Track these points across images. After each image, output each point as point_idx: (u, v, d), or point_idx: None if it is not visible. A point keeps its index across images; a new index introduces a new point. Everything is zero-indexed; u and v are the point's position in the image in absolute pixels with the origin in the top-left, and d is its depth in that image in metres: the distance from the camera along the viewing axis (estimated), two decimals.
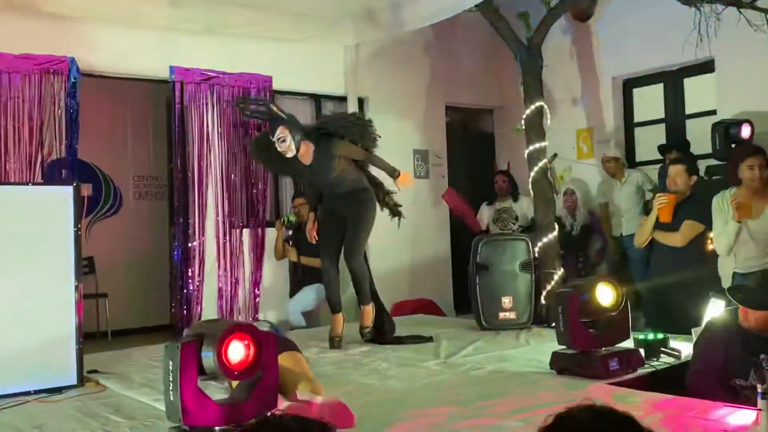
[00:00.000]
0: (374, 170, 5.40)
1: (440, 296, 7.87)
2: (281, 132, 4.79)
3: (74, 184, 4.02)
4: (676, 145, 6.76)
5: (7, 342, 3.73)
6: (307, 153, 4.93)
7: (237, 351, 2.57)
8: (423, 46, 8.17)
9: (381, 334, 5.24)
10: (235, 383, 2.83)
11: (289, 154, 4.85)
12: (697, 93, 7.14)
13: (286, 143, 4.80)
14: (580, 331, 3.80)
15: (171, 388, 2.54)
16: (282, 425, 1.41)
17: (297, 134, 4.83)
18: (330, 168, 4.98)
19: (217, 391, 3.25)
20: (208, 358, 2.53)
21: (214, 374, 2.59)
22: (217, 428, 2.56)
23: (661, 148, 6.85)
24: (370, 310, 5.20)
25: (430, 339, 5.19)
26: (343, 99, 7.68)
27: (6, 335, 3.73)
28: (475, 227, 7.55)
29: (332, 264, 5.17)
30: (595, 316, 3.84)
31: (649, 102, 7.54)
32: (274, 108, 4.91)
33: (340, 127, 5.12)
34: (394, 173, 5.25)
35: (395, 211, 5.43)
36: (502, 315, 5.59)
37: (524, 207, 7.36)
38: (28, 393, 3.71)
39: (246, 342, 2.60)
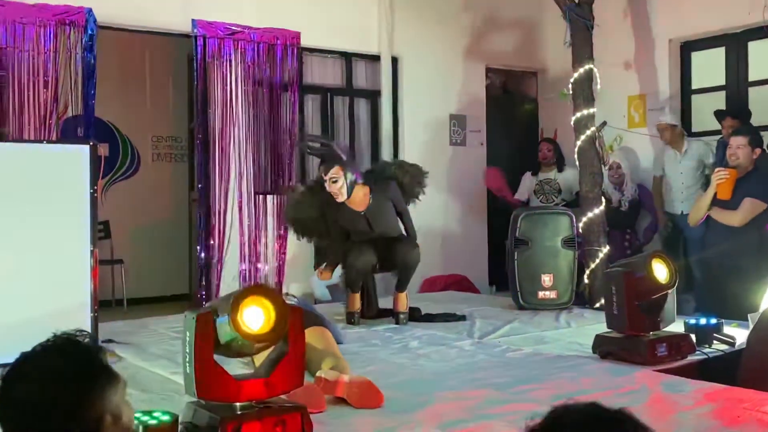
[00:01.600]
0: None
1: (474, 272, 7.85)
2: (335, 172, 4.81)
3: (91, 144, 4.04)
4: (734, 112, 6.58)
5: (18, 308, 3.78)
6: (360, 198, 4.95)
7: (254, 314, 2.52)
8: (463, 2, 8.05)
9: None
10: (258, 360, 2.81)
11: (340, 198, 4.86)
12: (763, 58, 6.96)
13: (337, 185, 4.81)
14: (636, 315, 3.75)
15: (188, 360, 2.55)
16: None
17: (352, 176, 4.85)
18: (388, 212, 5.03)
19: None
20: (223, 323, 2.49)
21: (229, 344, 2.55)
22: (237, 404, 2.57)
23: (718, 114, 6.68)
24: (405, 296, 5.17)
25: (462, 317, 5.19)
26: (375, 58, 7.62)
27: (17, 301, 3.78)
28: (514, 204, 7.49)
29: (364, 245, 4.99)
30: (650, 294, 3.78)
31: (709, 67, 7.37)
32: (335, 148, 4.95)
33: (395, 171, 5.26)
34: (416, 239, 5.27)
35: None
36: (541, 294, 5.56)
37: (569, 179, 7.27)
38: None
39: (264, 304, 2.54)
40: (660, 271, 3.76)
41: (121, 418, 1.57)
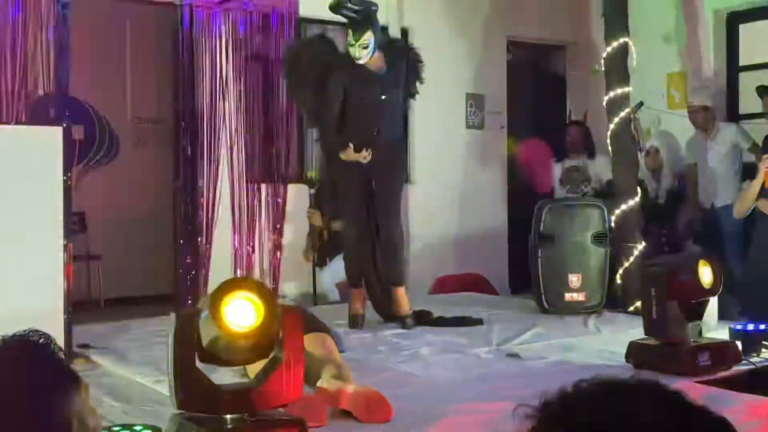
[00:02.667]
0: None
1: (493, 271, 7.85)
2: (368, 37, 4.92)
3: (64, 126, 4.06)
4: None
5: None
6: (375, 60, 5.06)
7: (241, 310, 2.49)
8: None
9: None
10: (253, 372, 2.80)
11: (362, 60, 4.95)
12: None
13: (367, 50, 4.94)
14: (678, 320, 3.75)
15: (170, 367, 2.56)
16: None
17: (377, 43, 5.00)
18: (398, 86, 5.13)
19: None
20: (205, 319, 2.47)
21: (214, 346, 2.54)
22: (228, 417, 2.58)
23: (760, 90, 6.64)
24: (404, 292, 5.20)
25: (479, 322, 5.19)
26: (383, 30, 7.60)
27: None
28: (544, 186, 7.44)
29: (362, 230, 5.20)
30: (693, 298, 3.79)
31: (759, 41, 7.34)
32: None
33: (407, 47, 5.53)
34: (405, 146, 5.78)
35: None
36: (568, 296, 5.57)
37: (599, 166, 7.24)
38: None
39: (251, 299, 2.52)
40: (706, 274, 3.77)
41: (87, 425, 1.58)
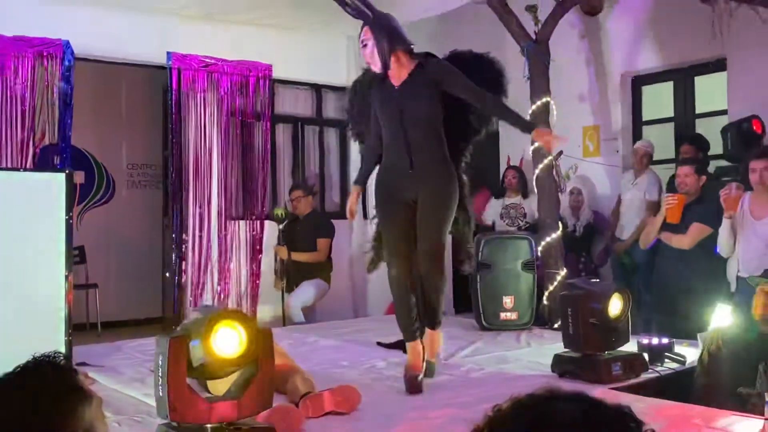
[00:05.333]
0: None
1: None
2: (364, 34, 3.75)
3: (67, 171, 4.00)
4: (690, 138, 6.62)
5: None
6: (399, 70, 3.83)
7: (227, 336, 2.50)
8: (427, 37, 8.07)
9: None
10: (214, 385, 2.76)
11: (375, 68, 3.80)
12: (708, 92, 7.11)
13: (367, 49, 3.75)
14: (590, 335, 3.81)
15: (160, 383, 2.52)
16: None
17: (384, 41, 3.74)
18: (425, 97, 3.79)
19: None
20: (196, 346, 2.47)
21: (202, 367, 2.52)
22: (208, 426, 2.54)
23: (678, 141, 6.77)
24: (436, 336, 3.97)
25: None
26: (344, 89, 7.64)
27: None
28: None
29: (404, 268, 3.75)
30: (599, 322, 3.84)
31: (659, 100, 7.51)
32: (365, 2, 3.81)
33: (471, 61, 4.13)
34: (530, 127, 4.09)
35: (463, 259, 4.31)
36: (503, 315, 5.61)
37: (533, 204, 7.28)
38: None
39: (237, 328, 2.52)
40: (615, 306, 3.84)
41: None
